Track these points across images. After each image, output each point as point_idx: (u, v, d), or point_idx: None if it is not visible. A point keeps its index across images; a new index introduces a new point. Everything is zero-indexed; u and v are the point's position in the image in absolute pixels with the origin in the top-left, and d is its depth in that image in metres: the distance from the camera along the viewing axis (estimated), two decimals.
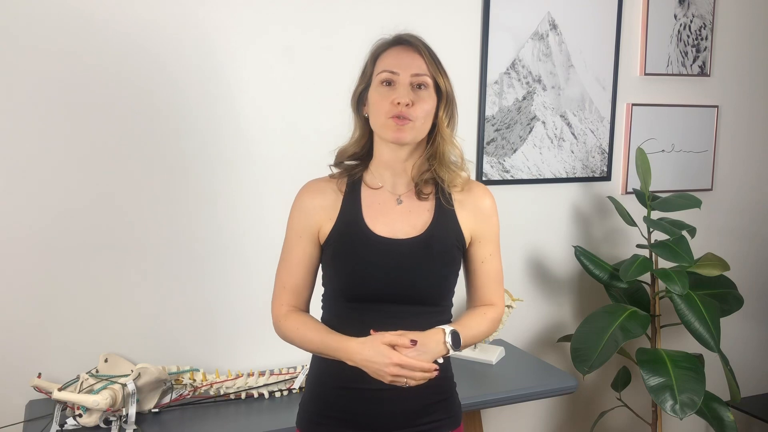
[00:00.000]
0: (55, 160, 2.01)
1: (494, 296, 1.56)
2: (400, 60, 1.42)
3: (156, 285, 2.16)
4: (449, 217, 1.48)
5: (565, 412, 2.85)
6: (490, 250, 1.53)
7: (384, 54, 1.45)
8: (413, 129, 1.40)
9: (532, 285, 2.71)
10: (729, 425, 2.45)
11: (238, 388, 2.07)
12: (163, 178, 2.13)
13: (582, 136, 2.69)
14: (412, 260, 1.43)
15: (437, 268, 1.45)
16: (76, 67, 2.00)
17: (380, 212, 1.47)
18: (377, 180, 1.49)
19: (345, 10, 2.27)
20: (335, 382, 1.47)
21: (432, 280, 1.44)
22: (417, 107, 1.40)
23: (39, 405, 2.00)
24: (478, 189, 1.54)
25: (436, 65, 1.44)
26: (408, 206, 1.48)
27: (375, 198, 1.48)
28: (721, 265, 2.51)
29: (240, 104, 2.18)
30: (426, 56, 1.43)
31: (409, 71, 1.41)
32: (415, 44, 1.44)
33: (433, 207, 1.48)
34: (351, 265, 1.44)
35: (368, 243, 1.43)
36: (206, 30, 2.12)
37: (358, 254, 1.44)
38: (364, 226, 1.45)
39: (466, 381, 2.22)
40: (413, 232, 1.45)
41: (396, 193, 1.49)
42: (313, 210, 1.48)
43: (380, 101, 1.41)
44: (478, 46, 2.49)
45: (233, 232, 2.22)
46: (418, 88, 1.41)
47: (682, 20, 2.80)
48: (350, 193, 1.48)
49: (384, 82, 1.41)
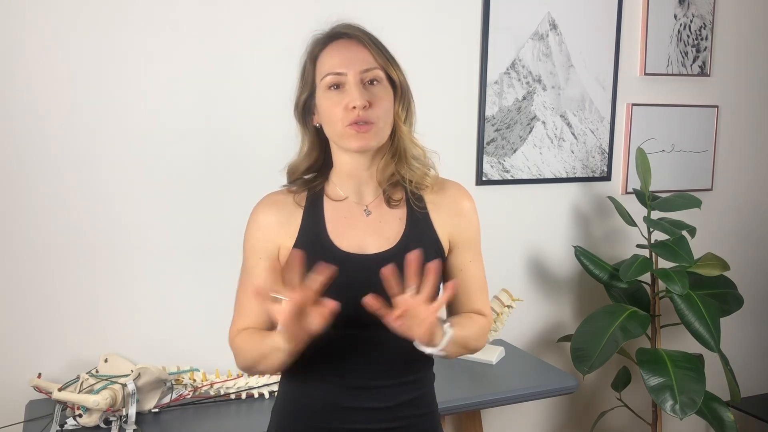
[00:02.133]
0: (54, 159, 2.01)
1: (480, 306, 1.36)
2: (344, 57, 1.24)
3: (156, 285, 2.16)
4: (424, 224, 1.31)
5: (565, 412, 2.85)
6: (470, 257, 1.35)
7: (323, 53, 1.27)
8: (377, 133, 1.24)
9: (532, 285, 2.71)
10: (729, 425, 2.45)
11: (238, 388, 2.07)
12: (164, 178, 2.13)
13: (582, 136, 2.69)
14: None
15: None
16: (74, 66, 2.00)
17: (346, 226, 1.29)
18: (340, 191, 1.32)
19: (343, 11, 2.26)
20: (309, 422, 1.29)
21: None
22: (375, 107, 1.22)
23: (39, 405, 2.00)
24: (454, 189, 1.36)
25: (384, 55, 1.26)
26: (377, 216, 1.30)
27: (339, 211, 1.30)
28: (721, 265, 2.51)
29: (240, 104, 2.19)
30: (371, 47, 1.25)
31: (356, 68, 1.22)
32: (355, 35, 1.27)
33: (405, 215, 1.30)
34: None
35: (333, 261, 1.18)
36: (205, 30, 2.12)
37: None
38: (328, 242, 1.27)
39: (466, 381, 2.23)
40: (385, 245, 1.27)
41: (363, 203, 1.31)
42: (270, 228, 1.30)
43: (332, 108, 1.23)
44: (478, 46, 2.49)
45: (233, 232, 2.20)
46: (370, 84, 1.24)
47: (682, 20, 2.80)
48: (311, 207, 1.30)
49: (331, 86, 1.23)
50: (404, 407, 1.30)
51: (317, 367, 1.27)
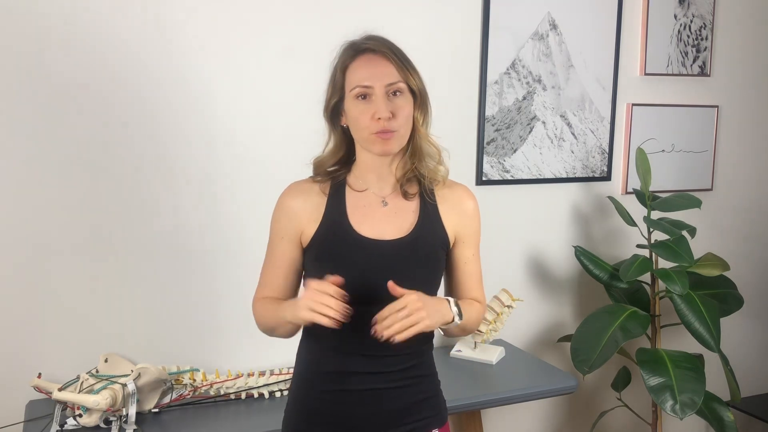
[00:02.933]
0: (54, 160, 2.01)
1: (477, 294, 1.55)
2: (371, 71, 1.40)
3: (156, 285, 2.16)
4: (434, 217, 1.48)
5: (565, 412, 2.85)
6: (471, 252, 1.53)
7: (353, 65, 1.42)
8: (398, 139, 1.41)
9: (532, 285, 2.71)
10: (729, 425, 2.45)
11: (238, 388, 2.07)
12: (164, 178, 2.13)
13: (582, 136, 2.69)
14: (398, 261, 1.42)
15: (423, 269, 1.45)
16: (68, 69, 2.00)
17: (366, 214, 1.46)
18: (361, 183, 1.48)
19: (343, 11, 2.27)
20: (318, 386, 1.47)
21: (418, 281, 1.41)
22: (397, 116, 1.39)
23: (39, 405, 2.00)
24: (461, 189, 1.54)
25: (406, 67, 1.42)
26: (393, 208, 1.47)
27: (360, 200, 1.47)
28: (721, 265, 2.51)
29: (239, 104, 2.19)
30: (395, 61, 1.41)
31: (382, 82, 1.39)
32: (381, 51, 1.41)
33: (418, 207, 1.48)
34: (335, 266, 1.39)
35: (353, 244, 1.42)
36: (202, 29, 2.12)
37: (342, 255, 1.43)
38: (350, 227, 1.44)
39: (466, 381, 2.23)
40: (399, 234, 1.45)
41: (381, 194, 1.48)
42: (295, 212, 1.47)
43: (359, 117, 1.39)
44: (478, 46, 2.49)
45: (234, 232, 2.22)
46: (393, 96, 1.40)
47: (682, 20, 2.80)
48: (334, 195, 1.47)
49: (359, 96, 1.40)
50: (409, 370, 1.48)
51: (333, 339, 1.39)
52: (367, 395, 1.44)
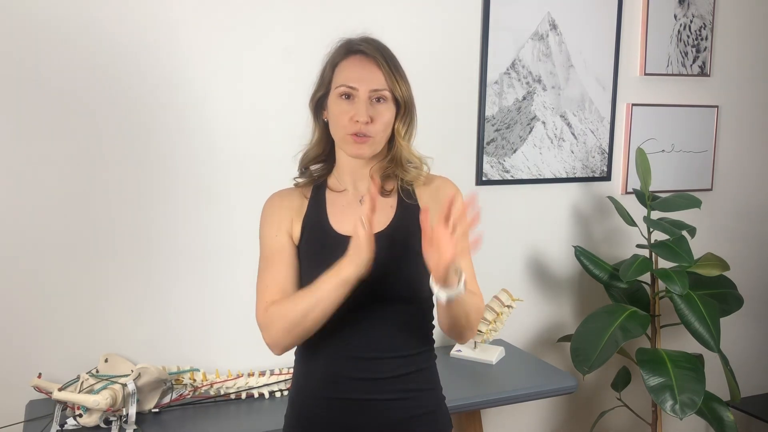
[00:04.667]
0: (55, 161, 2.01)
1: (471, 288, 1.46)
2: (359, 74, 1.41)
3: (156, 285, 2.16)
4: (412, 210, 1.46)
5: (565, 412, 2.85)
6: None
7: (342, 63, 1.43)
8: (372, 144, 1.42)
9: (532, 285, 2.71)
10: (729, 425, 2.45)
11: (238, 388, 2.07)
12: (164, 178, 2.13)
13: (582, 136, 2.69)
14: (377, 255, 1.36)
15: (404, 261, 1.41)
16: (68, 71, 2.00)
17: (344, 213, 1.47)
18: (340, 184, 1.51)
19: (343, 11, 2.27)
20: (317, 392, 1.45)
21: (399, 274, 1.41)
22: (376, 122, 1.40)
23: (39, 405, 2.00)
24: (440, 180, 1.52)
25: (394, 76, 1.42)
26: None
27: (339, 200, 1.49)
28: (721, 265, 2.51)
29: (239, 105, 2.19)
30: (384, 68, 1.41)
31: (368, 86, 1.39)
32: (373, 55, 1.42)
33: (396, 203, 1.48)
34: (317, 265, 1.39)
35: (333, 243, 1.42)
36: (202, 29, 2.13)
37: (323, 254, 1.42)
38: (328, 226, 1.46)
39: (466, 381, 2.23)
40: (376, 228, 1.42)
41: (359, 194, 1.49)
42: (283, 210, 1.49)
43: (339, 115, 1.41)
44: (478, 46, 2.49)
45: (234, 232, 2.22)
46: (376, 102, 1.41)
47: (682, 20, 2.80)
48: (315, 197, 1.50)
49: (343, 95, 1.41)
50: (404, 380, 1.44)
51: (322, 341, 1.41)
52: (367, 405, 1.42)
